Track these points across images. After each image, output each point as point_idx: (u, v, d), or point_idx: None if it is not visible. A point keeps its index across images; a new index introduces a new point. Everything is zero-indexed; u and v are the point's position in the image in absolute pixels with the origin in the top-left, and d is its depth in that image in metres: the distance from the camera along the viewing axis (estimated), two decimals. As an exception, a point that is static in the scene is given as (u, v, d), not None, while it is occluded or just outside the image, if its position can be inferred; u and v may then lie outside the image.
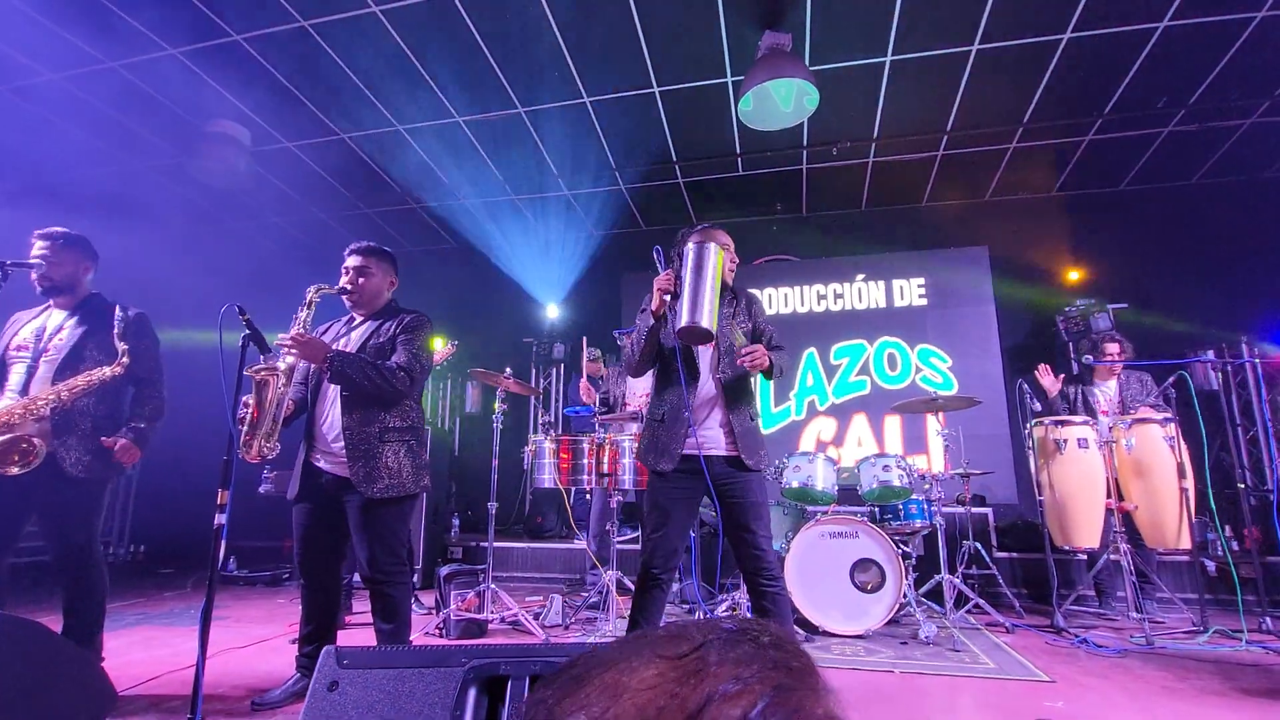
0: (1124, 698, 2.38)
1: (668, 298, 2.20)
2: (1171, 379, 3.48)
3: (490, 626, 3.29)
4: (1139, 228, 5.83)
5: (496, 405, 3.49)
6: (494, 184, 6.02)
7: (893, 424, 5.89)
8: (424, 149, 5.46)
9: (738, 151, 5.52)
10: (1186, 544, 3.41)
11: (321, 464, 2.28)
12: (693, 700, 0.33)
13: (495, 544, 3.56)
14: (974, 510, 4.33)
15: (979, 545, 4.04)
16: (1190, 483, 3.43)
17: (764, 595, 2.17)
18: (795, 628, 3.24)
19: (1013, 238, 6.11)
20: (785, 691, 0.34)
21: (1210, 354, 5.06)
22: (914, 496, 3.67)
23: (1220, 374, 4.30)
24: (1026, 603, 3.95)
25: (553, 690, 0.37)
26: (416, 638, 3.11)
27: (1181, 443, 3.47)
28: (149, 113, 4.90)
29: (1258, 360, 4.33)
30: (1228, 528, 4.06)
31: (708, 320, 2.04)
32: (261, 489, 4.66)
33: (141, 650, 2.96)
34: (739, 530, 2.21)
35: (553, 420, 6.36)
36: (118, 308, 2.45)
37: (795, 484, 3.63)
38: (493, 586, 3.31)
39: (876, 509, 3.77)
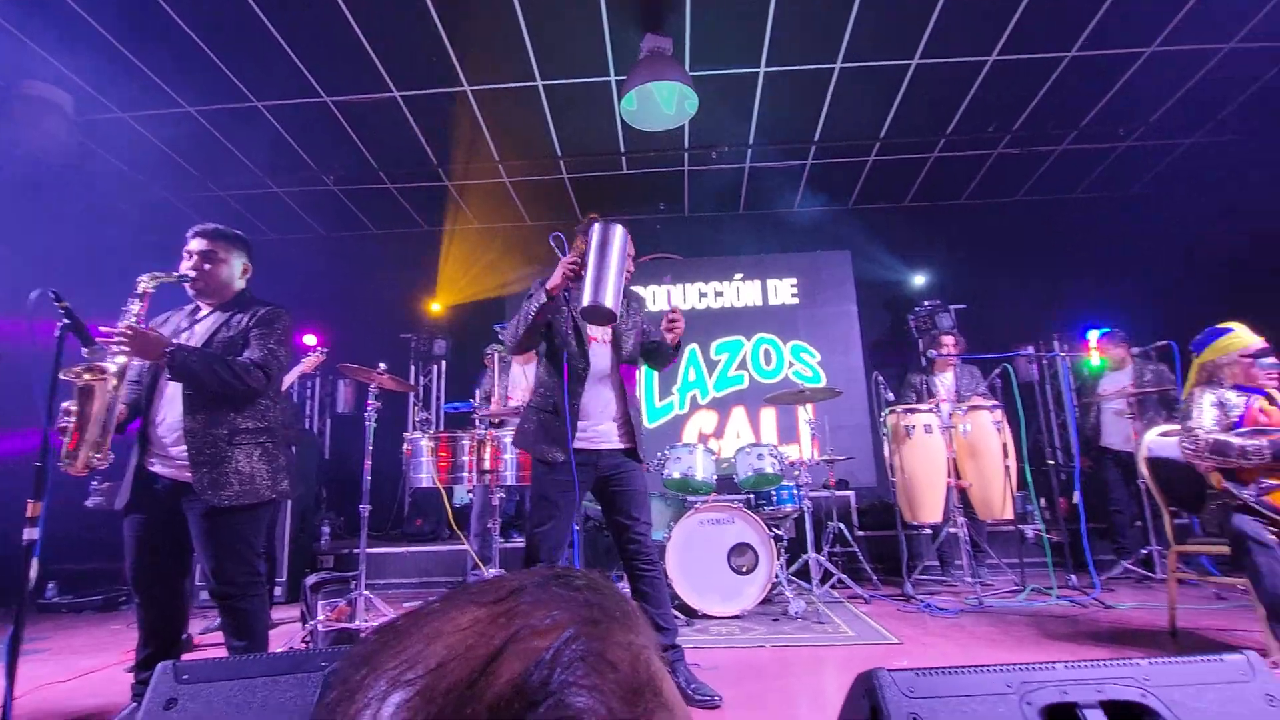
0: (957, 650, 2.70)
1: (570, 279, 2.16)
2: (997, 371, 3.96)
3: (363, 635, 3.12)
4: (976, 237, 6.56)
5: (370, 402, 3.30)
6: (366, 169, 5.69)
7: (768, 416, 6.23)
8: (285, 126, 5.06)
9: (622, 150, 5.60)
10: (1010, 515, 3.91)
11: (157, 469, 2.05)
12: (499, 637, 0.34)
13: (370, 549, 3.38)
14: (838, 493, 4.69)
15: (842, 525, 4.38)
16: (1012, 461, 3.92)
17: (642, 579, 2.25)
18: (675, 612, 3.36)
19: (872, 243, 6.66)
20: (592, 624, 0.35)
21: (1029, 349, 5.83)
22: (785, 483, 3.91)
23: (1037, 367, 4.96)
24: (882, 575, 4.33)
25: (372, 643, 0.37)
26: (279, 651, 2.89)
27: (1006, 426, 3.96)
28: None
29: (1065, 355, 5.04)
30: (1042, 500, 4.68)
31: (612, 300, 2.00)
32: (90, 502, 4.13)
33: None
34: (624, 519, 2.27)
35: (432, 418, 6.13)
36: None
37: (676, 475, 3.75)
38: (366, 594, 3.14)
39: (752, 496, 3.98)
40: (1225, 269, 5.38)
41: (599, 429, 2.29)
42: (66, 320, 1.61)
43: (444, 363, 6.46)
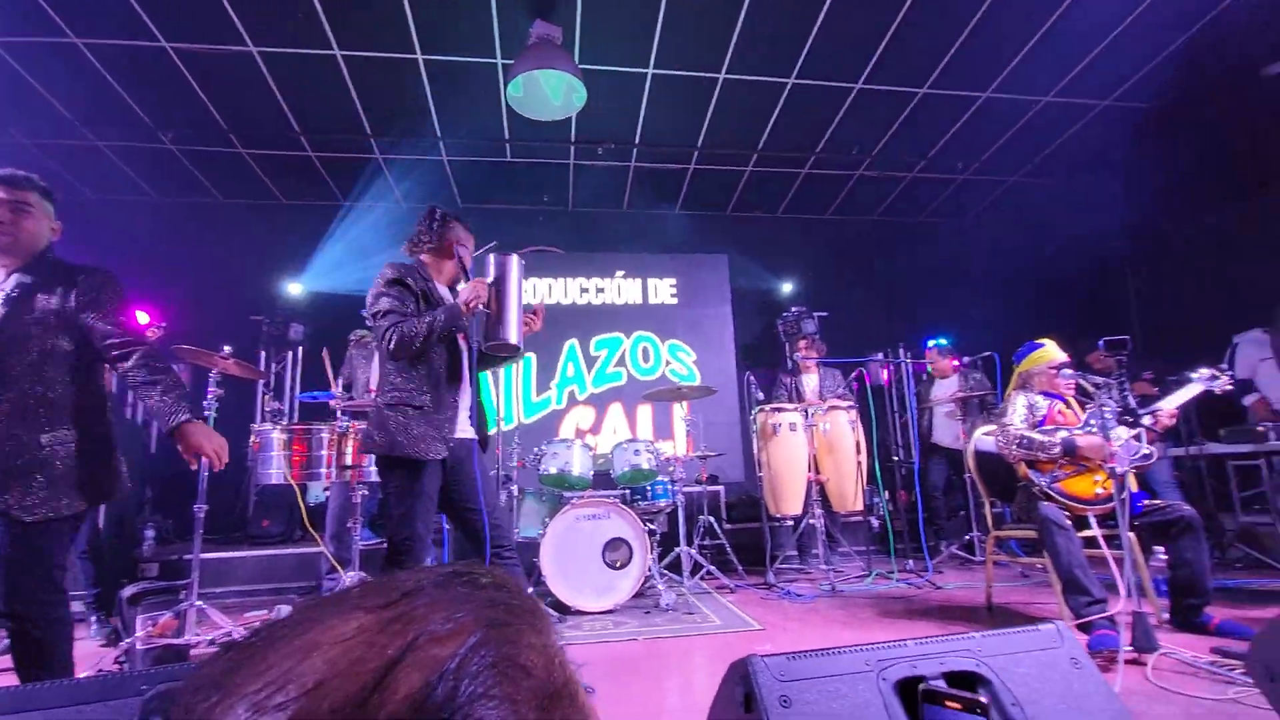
0: (813, 633, 2.89)
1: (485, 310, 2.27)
2: (853, 375, 4.31)
3: (194, 652, 2.78)
4: (839, 250, 7.09)
5: (210, 391, 2.94)
6: (213, 130, 5.07)
7: (644, 412, 6.34)
8: (111, 70, 4.38)
9: (505, 137, 5.44)
10: (860, 506, 4.26)
11: None
12: (394, 646, 0.29)
13: (206, 554, 3.01)
14: (709, 488, 4.87)
15: (712, 519, 4.55)
16: (864, 458, 4.28)
17: (505, 566, 2.23)
18: (549, 609, 3.31)
19: (747, 250, 6.99)
20: (500, 627, 0.32)
21: (880, 356, 6.40)
22: (660, 478, 3.99)
23: (887, 371, 5.47)
24: (747, 566, 4.55)
25: (222, 663, 0.30)
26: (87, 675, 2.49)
27: (860, 426, 4.31)
28: None
29: (909, 361, 5.59)
30: (887, 493, 5.16)
31: (517, 337, 2.22)
32: None
33: None
34: (475, 506, 2.25)
35: (285, 409, 5.59)
36: None
37: (553, 470, 3.71)
38: (200, 604, 2.79)
39: (628, 491, 4.02)
40: (1041, 292, 6.21)
41: (463, 421, 2.30)
42: None
43: (300, 349, 5.92)
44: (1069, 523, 2.60)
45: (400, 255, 2.45)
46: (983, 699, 0.76)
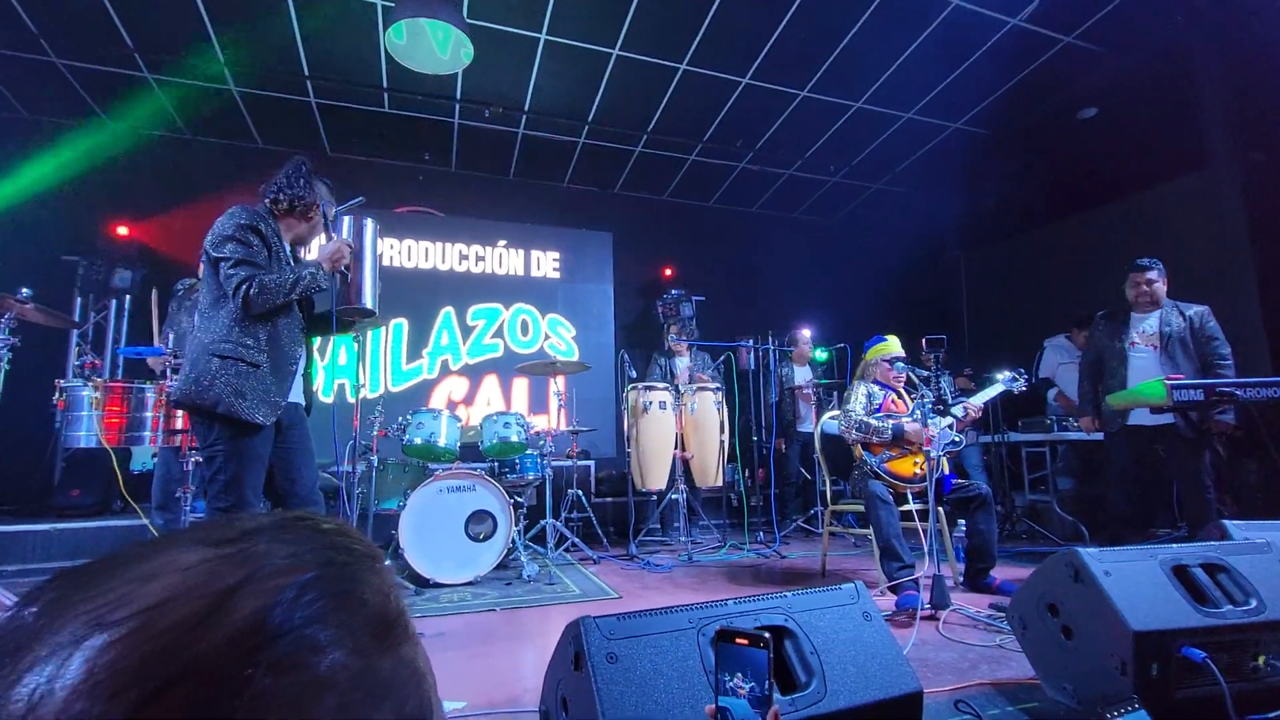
0: (665, 599, 3.05)
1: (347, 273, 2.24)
2: (722, 358, 4.53)
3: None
4: (719, 237, 7.35)
5: (1, 339, 2.53)
6: (18, 31, 4.31)
7: (520, 386, 6.28)
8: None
9: (384, 85, 5.09)
10: (721, 483, 4.52)
11: None
12: (234, 576, 0.30)
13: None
14: (580, 463, 4.94)
15: (580, 493, 4.63)
16: (727, 436, 4.53)
17: None
18: (404, 582, 3.24)
19: (632, 229, 7.06)
20: (338, 566, 0.34)
21: (749, 341, 6.76)
22: (529, 451, 3.99)
23: (753, 356, 5.81)
24: (614, 538, 4.69)
25: (54, 587, 0.30)
26: None
27: (725, 407, 4.55)
28: None
29: (774, 347, 5.96)
30: (746, 470, 5.51)
31: (373, 302, 2.26)
32: None
33: None
34: (295, 477, 2.21)
35: (104, 364, 4.93)
36: None
37: (419, 441, 3.60)
38: (-18, 583, 2.44)
39: (496, 463, 3.99)
40: (891, 290, 6.82)
41: (295, 386, 2.23)
42: None
43: (127, 298, 5.24)
44: (891, 498, 2.93)
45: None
46: (765, 635, 0.86)
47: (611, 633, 1.06)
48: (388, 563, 0.39)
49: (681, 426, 4.46)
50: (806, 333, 5.77)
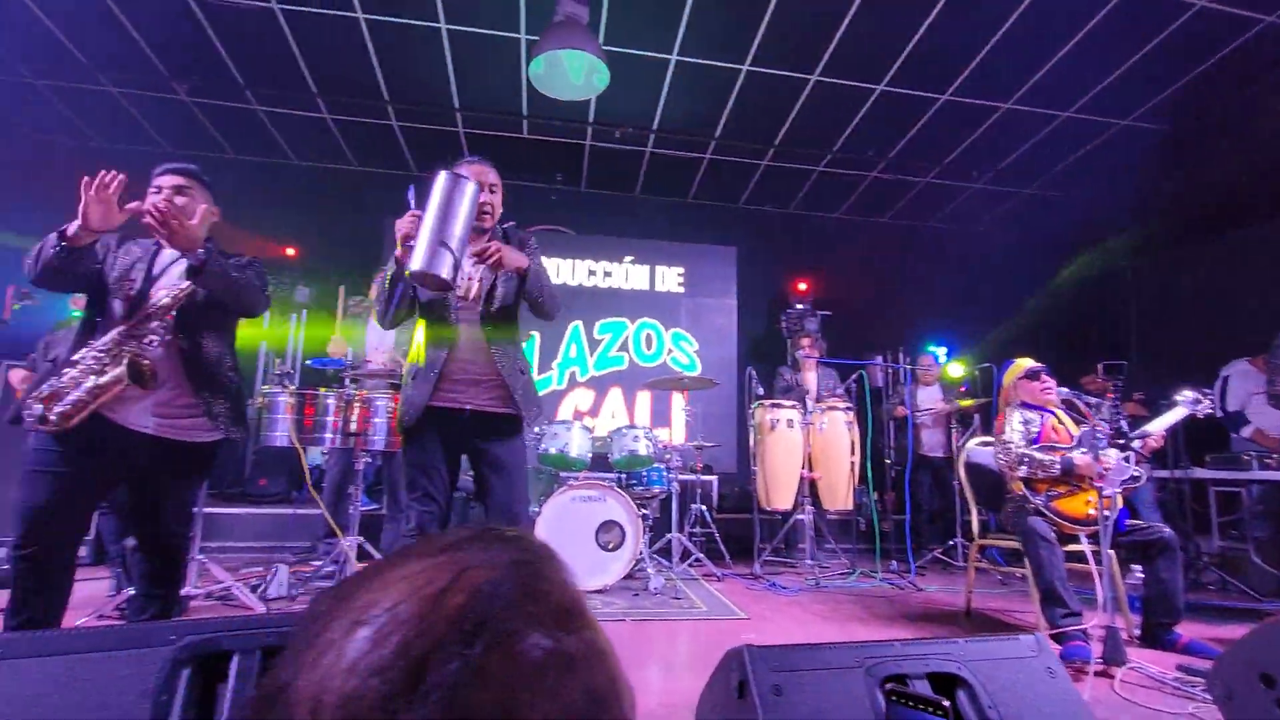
0: (795, 626, 2.98)
1: (412, 243, 1.83)
2: (854, 376, 4.36)
3: (193, 604, 2.85)
4: (848, 250, 7.09)
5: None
6: (229, 84, 5.04)
7: (644, 399, 6.40)
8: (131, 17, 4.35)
9: (524, 113, 5.42)
10: (850, 506, 4.34)
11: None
12: (445, 578, 0.39)
13: (208, 510, 3.06)
14: (703, 478, 4.94)
15: (704, 508, 4.63)
16: (857, 458, 4.35)
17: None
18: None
19: (757, 243, 7.00)
20: (524, 565, 0.42)
21: (879, 359, 6.46)
22: (656, 465, 4.06)
23: (883, 375, 5.55)
24: (736, 556, 4.63)
25: (321, 603, 0.42)
26: (85, 621, 2.56)
27: (855, 426, 4.38)
28: None
29: (907, 366, 5.65)
30: (876, 493, 5.25)
31: (447, 269, 1.76)
32: None
33: None
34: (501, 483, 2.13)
35: (291, 371, 5.60)
36: None
37: (553, 450, 3.77)
38: (200, 557, 2.86)
39: (623, 475, 4.09)
40: (1045, 306, 6.25)
41: (467, 387, 2.11)
42: None
43: (304, 311, 5.94)
44: (1054, 537, 2.67)
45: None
46: (944, 703, 0.82)
47: (776, 664, 1.05)
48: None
49: (809, 445, 4.34)
50: (942, 350, 5.42)
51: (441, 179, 1.82)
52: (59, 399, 1.74)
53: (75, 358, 1.79)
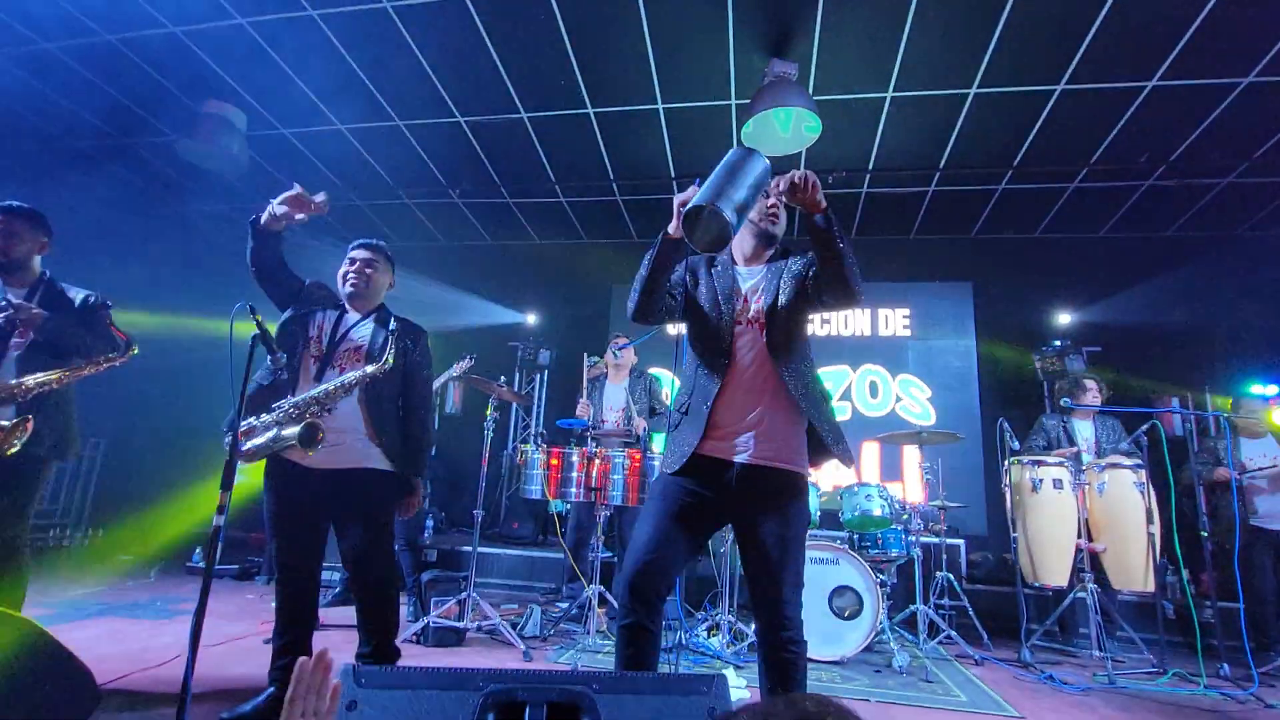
0: (1091, 737, 2.46)
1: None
2: (1145, 426, 3.61)
3: (468, 635, 3.26)
4: (1114, 274, 6.02)
5: (489, 412, 3.45)
6: (489, 185, 5.98)
7: (870, 450, 5.99)
8: (422, 144, 5.41)
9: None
10: (1150, 586, 3.53)
11: None
12: None
13: (480, 549, 3.52)
14: (948, 541, 4.42)
15: (951, 576, 4.12)
16: (1157, 527, 3.55)
17: (779, 665, 1.67)
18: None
19: (996, 276, 6.27)
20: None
21: (1174, 401, 5.28)
22: (893, 526, 3.73)
23: (1189, 423, 4.49)
24: (994, 636, 4.03)
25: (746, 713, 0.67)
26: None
27: (1150, 489, 3.60)
28: (142, 88, 4.78)
29: (1216, 414, 4.50)
30: (1188, 572, 4.21)
31: (730, 211, 1.48)
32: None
33: (110, 644, 2.87)
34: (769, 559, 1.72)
35: (541, 428, 6.32)
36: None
37: (779, 507, 3.67)
38: (474, 595, 3.27)
39: (855, 536, 3.83)
40: None
41: (736, 430, 1.77)
42: (258, 331, 1.79)
43: (546, 372, 6.67)
44: None
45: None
46: None
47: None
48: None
49: (1085, 510, 3.66)
50: (1271, 389, 4.25)
51: (735, 149, 1.61)
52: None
53: None
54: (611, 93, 4.69)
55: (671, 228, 1.67)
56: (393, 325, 2.39)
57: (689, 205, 1.55)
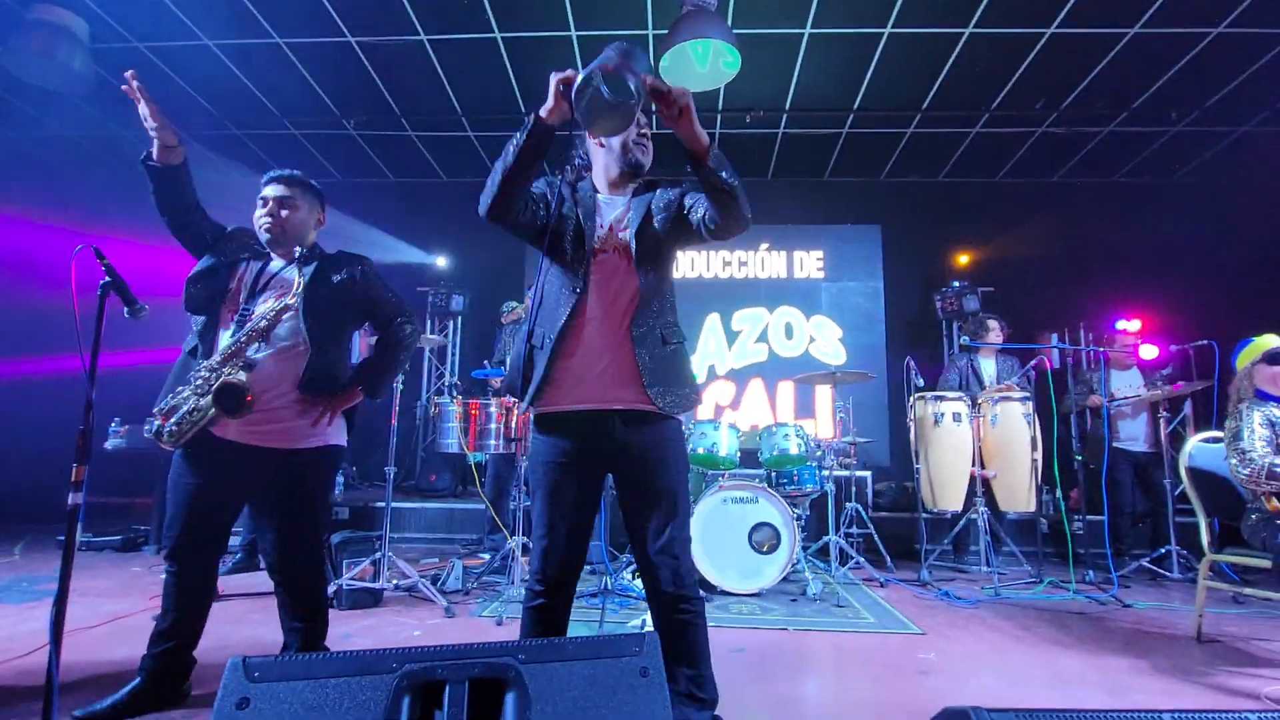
0: (983, 647, 2.69)
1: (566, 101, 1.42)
2: (1034, 361, 3.88)
3: (386, 595, 3.14)
4: (1009, 217, 6.37)
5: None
6: (388, 116, 5.48)
7: (785, 389, 6.18)
8: (307, 65, 4.85)
9: (652, 108, 5.37)
10: (1033, 507, 3.89)
11: None
12: None
13: (393, 504, 3.35)
14: (857, 474, 4.67)
15: (859, 507, 4.37)
16: (1039, 454, 3.88)
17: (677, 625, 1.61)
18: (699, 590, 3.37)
19: (903, 218, 6.49)
20: None
21: (1054, 337, 5.73)
22: (808, 463, 3.88)
23: (1068, 357, 4.90)
24: (897, 559, 4.33)
25: None
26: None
27: (1036, 420, 3.90)
28: None
29: (1091, 348, 4.94)
30: (1060, 490, 4.66)
31: (634, 82, 1.35)
32: (108, 444, 4.13)
33: (-41, 636, 2.54)
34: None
35: (455, 379, 6.06)
36: None
37: (701, 450, 3.72)
38: (390, 555, 3.13)
39: (773, 474, 3.95)
40: (1274, 269, 5.24)
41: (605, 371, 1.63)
42: (108, 278, 1.52)
43: (460, 319, 6.37)
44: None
45: None
46: None
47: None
48: None
49: (980, 441, 3.94)
50: (1134, 326, 4.66)
51: (612, 44, 1.40)
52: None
53: None
54: (522, 17, 4.34)
55: (545, 110, 1.46)
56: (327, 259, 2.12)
57: (589, 69, 1.35)
